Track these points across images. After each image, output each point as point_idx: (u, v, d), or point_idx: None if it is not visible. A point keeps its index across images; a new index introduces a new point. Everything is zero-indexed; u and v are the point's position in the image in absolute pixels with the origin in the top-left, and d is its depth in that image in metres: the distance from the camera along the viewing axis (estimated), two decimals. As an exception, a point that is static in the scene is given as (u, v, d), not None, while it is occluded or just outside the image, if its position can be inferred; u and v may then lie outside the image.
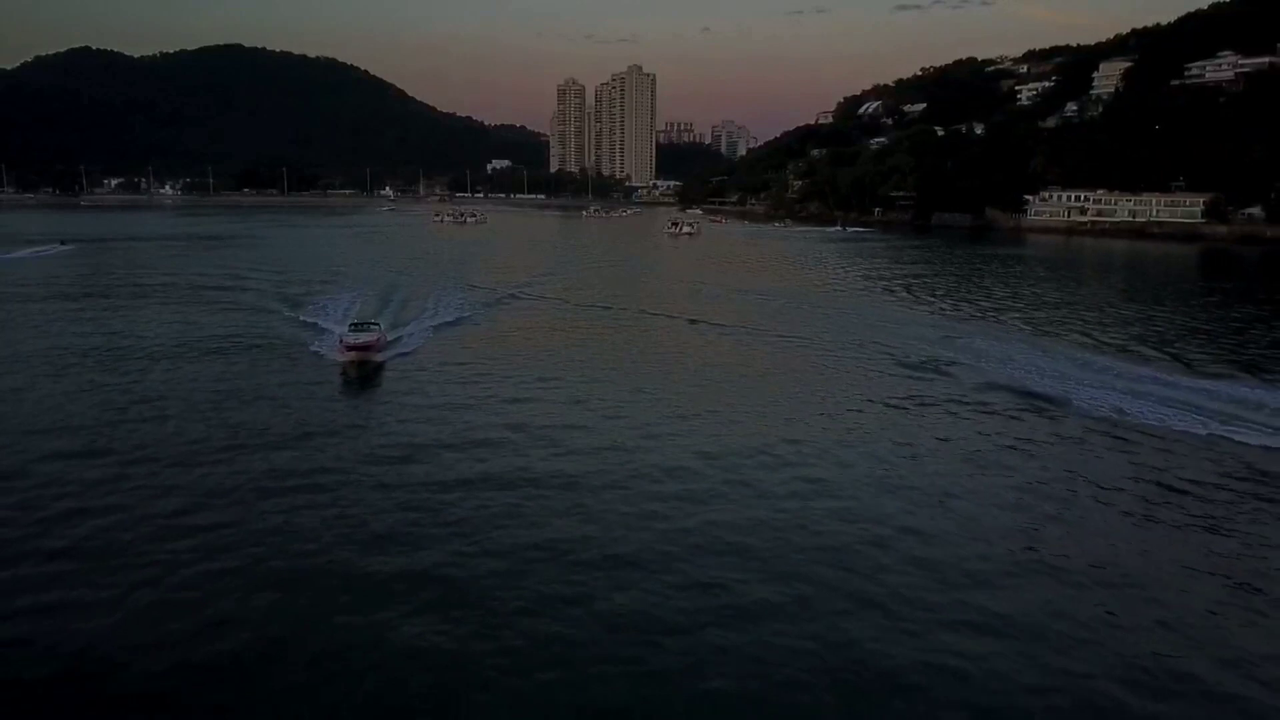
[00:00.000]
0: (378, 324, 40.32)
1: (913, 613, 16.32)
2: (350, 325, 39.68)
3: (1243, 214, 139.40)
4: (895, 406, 31.65)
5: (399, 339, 41.76)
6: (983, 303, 61.38)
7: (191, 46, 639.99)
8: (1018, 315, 55.32)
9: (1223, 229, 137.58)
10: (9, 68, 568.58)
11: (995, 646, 15.20)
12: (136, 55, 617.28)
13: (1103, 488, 23.04)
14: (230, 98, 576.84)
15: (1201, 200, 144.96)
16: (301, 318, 48.78)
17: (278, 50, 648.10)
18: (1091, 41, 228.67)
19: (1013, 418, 29.89)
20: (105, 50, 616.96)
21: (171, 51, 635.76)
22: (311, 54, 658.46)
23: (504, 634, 15.33)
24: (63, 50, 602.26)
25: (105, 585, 16.89)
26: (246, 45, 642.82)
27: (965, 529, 20.29)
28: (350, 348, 35.42)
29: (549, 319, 52.21)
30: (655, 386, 34.15)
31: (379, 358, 36.12)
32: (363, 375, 34.22)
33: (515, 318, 52.45)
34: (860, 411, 30.90)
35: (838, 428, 28.59)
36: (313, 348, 39.64)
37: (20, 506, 20.80)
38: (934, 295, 65.47)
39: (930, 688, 14.01)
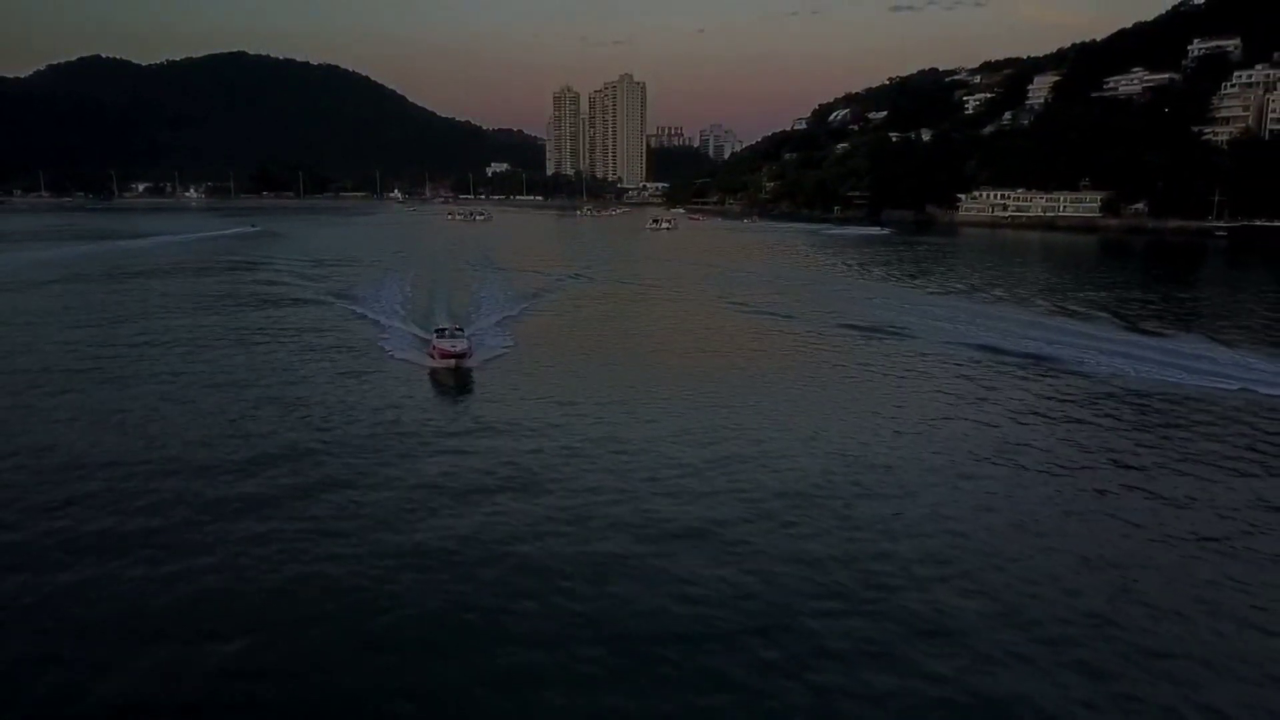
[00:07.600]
0: (462, 329, 41.03)
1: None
2: (436, 331, 40.40)
3: (1131, 209, 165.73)
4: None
5: (474, 331, 43.78)
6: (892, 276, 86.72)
7: (198, 53, 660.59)
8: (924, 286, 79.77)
9: (1114, 221, 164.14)
10: (24, 75, 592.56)
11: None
12: (144, 63, 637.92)
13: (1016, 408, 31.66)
14: (235, 103, 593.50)
15: (1100, 197, 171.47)
16: (375, 316, 52.24)
17: (281, 57, 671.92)
18: (1084, 40, 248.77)
19: (963, 365, 38.85)
20: (114, 58, 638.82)
21: (178, 59, 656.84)
22: (314, 61, 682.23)
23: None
24: (74, 58, 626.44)
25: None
26: (251, 53, 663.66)
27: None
28: (445, 354, 36.45)
29: (599, 309, 59.39)
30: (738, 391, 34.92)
31: (469, 363, 37.15)
32: (458, 382, 35.36)
33: (569, 309, 58.38)
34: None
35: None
36: (386, 344, 42.85)
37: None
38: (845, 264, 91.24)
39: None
